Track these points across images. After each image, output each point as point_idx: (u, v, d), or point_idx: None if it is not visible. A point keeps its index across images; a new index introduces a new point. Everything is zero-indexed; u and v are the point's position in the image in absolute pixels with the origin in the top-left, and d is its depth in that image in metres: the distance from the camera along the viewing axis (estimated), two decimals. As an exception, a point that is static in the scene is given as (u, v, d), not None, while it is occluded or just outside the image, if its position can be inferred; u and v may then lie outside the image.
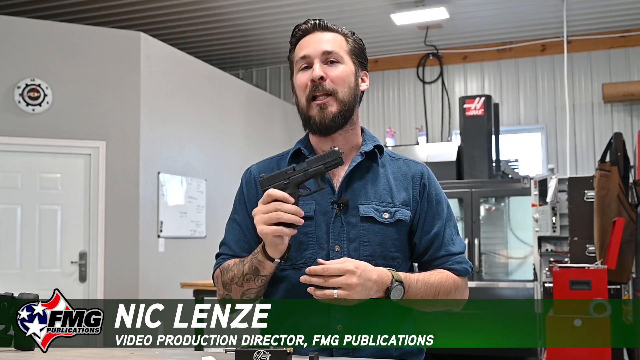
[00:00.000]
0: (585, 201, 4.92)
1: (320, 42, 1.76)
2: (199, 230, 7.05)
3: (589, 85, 8.35)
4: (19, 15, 6.99)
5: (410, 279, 1.67)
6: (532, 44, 8.63)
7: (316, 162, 1.60)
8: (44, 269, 5.92)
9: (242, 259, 1.76)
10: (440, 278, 1.73)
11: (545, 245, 5.52)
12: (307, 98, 1.74)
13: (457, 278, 1.78)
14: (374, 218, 1.74)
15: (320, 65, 1.74)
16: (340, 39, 1.79)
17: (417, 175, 1.81)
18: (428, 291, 1.70)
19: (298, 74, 1.78)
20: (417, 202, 1.79)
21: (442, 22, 8.04)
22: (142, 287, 6.07)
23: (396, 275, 1.63)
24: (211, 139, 7.38)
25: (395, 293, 1.62)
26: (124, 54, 6.23)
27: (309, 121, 1.76)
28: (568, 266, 4.45)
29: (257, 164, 1.91)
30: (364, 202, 1.75)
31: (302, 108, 1.77)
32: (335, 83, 1.74)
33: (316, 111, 1.74)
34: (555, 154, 8.41)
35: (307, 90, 1.74)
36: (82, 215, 6.04)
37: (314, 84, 1.73)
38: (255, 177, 1.86)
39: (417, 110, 9.12)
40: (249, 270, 1.70)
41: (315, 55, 1.75)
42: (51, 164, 6.00)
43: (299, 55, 1.77)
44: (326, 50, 1.75)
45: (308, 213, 1.74)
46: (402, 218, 1.76)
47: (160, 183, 6.40)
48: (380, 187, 1.78)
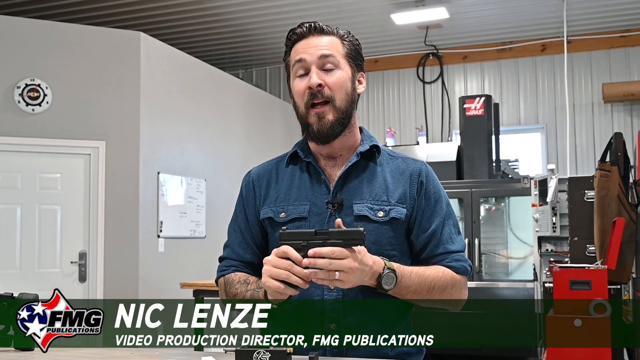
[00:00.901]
0: (586, 201, 4.92)
1: (317, 46, 1.76)
2: (199, 230, 7.05)
3: (589, 85, 8.35)
4: (19, 15, 6.99)
5: (404, 269, 1.67)
6: (532, 44, 8.63)
7: (338, 235, 1.58)
8: (43, 269, 5.92)
9: (246, 278, 1.78)
10: (437, 273, 1.73)
11: (545, 245, 5.51)
12: (305, 105, 1.75)
13: (455, 275, 1.76)
14: (368, 217, 1.74)
15: (317, 71, 1.74)
16: (336, 42, 1.78)
17: (415, 172, 1.81)
18: (422, 284, 1.69)
19: (295, 80, 1.79)
20: (414, 200, 1.78)
21: (442, 22, 8.04)
22: (142, 287, 6.08)
23: (389, 263, 1.63)
24: (211, 139, 7.38)
25: (387, 281, 1.61)
26: (124, 54, 6.23)
27: (307, 128, 1.77)
28: (568, 266, 4.44)
29: (256, 168, 1.92)
30: (359, 201, 1.76)
31: (301, 115, 1.78)
32: (332, 90, 1.74)
33: (314, 119, 1.74)
34: (556, 153, 8.42)
35: (305, 97, 1.75)
36: (82, 215, 6.04)
37: (312, 92, 1.73)
38: (255, 181, 1.88)
39: (417, 110, 9.12)
40: (250, 298, 1.71)
41: (312, 61, 1.75)
42: (51, 164, 6.00)
43: (295, 59, 1.78)
44: (323, 54, 1.75)
45: (302, 214, 1.76)
46: (397, 216, 1.75)
47: (160, 183, 6.40)
48: (376, 185, 1.78)
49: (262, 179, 1.87)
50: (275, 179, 1.85)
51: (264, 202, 1.84)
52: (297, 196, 1.79)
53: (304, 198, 1.78)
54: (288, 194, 1.81)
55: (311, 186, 1.80)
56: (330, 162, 1.82)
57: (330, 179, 1.80)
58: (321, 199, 1.77)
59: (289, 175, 1.84)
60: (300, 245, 1.59)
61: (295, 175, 1.83)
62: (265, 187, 1.86)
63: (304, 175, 1.82)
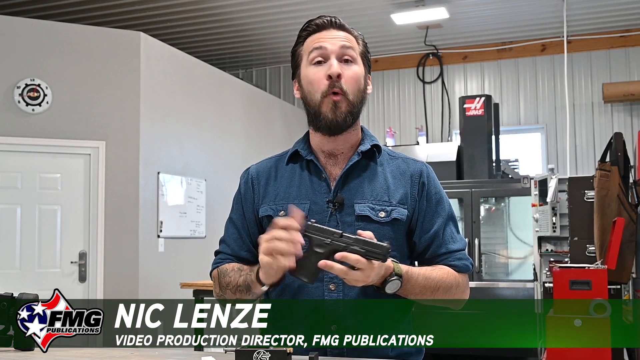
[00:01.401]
0: (586, 201, 4.92)
1: (338, 37, 1.75)
2: (199, 230, 7.05)
3: (589, 85, 8.36)
4: (19, 15, 7.00)
5: (412, 272, 1.66)
6: (532, 44, 8.63)
7: (363, 244, 1.55)
8: (43, 269, 5.92)
9: (240, 266, 1.77)
10: (442, 274, 1.73)
11: (545, 245, 5.52)
12: (323, 94, 1.71)
13: (458, 275, 1.77)
14: (369, 217, 1.73)
15: (337, 62, 1.72)
16: (353, 39, 1.78)
17: (416, 173, 1.80)
18: (428, 286, 1.69)
19: (310, 67, 1.75)
20: (415, 201, 1.78)
21: (442, 22, 8.05)
22: (142, 287, 6.08)
23: (397, 268, 1.62)
24: (211, 139, 7.38)
25: (391, 286, 1.61)
26: (124, 54, 6.23)
27: (319, 117, 1.73)
28: (568, 266, 4.45)
29: (256, 165, 1.91)
30: (360, 200, 1.75)
31: (314, 103, 1.74)
32: (347, 83, 1.72)
33: (329, 108, 1.71)
34: (556, 153, 8.42)
35: (323, 86, 1.71)
36: (81, 215, 6.04)
37: (332, 81, 1.71)
38: (254, 178, 1.86)
39: (417, 110, 9.13)
40: (242, 284, 1.70)
41: (332, 50, 1.73)
42: (51, 164, 6.00)
43: (314, 46, 1.74)
44: (344, 45, 1.74)
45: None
46: (398, 217, 1.75)
47: (160, 183, 6.40)
48: (377, 185, 1.77)
49: (261, 176, 1.85)
50: (275, 177, 1.84)
51: (263, 199, 1.82)
52: (297, 194, 1.78)
53: (304, 197, 1.77)
54: (288, 192, 1.79)
55: (311, 184, 1.78)
56: (331, 160, 1.80)
57: (331, 178, 1.78)
58: (322, 198, 1.76)
59: (289, 173, 1.82)
60: (323, 242, 1.57)
61: (296, 173, 1.82)
62: (265, 185, 1.84)
63: (304, 174, 1.80)
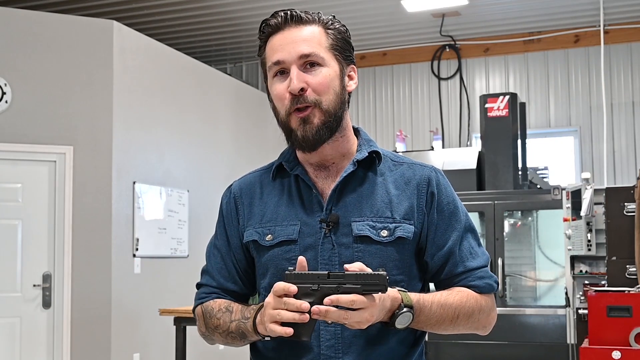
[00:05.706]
0: (625, 215, 4.94)
1: (295, 42, 1.70)
2: (181, 249, 7.07)
3: (628, 82, 8.39)
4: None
5: (424, 301, 1.65)
6: (563, 34, 8.67)
7: (356, 279, 1.53)
8: (2, 294, 5.93)
9: (228, 305, 1.77)
10: (460, 298, 1.71)
11: (579, 265, 5.53)
12: (287, 111, 1.71)
13: (480, 297, 1.75)
14: (369, 237, 1.70)
15: (298, 72, 1.68)
16: (318, 33, 1.72)
17: (423, 181, 1.76)
18: (445, 315, 1.68)
19: (274, 82, 1.73)
20: (423, 214, 1.75)
21: (460, 9, 8.09)
22: (115, 314, 6.09)
23: (406, 298, 1.60)
24: (195, 144, 7.41)
25: (402, 320, 1.59)
26: (95, 45, 6.26)
27: (290, 135, 1.74)
28: (605, 290, 4.46)
29: (239, 181, 1.90)
30: (358, 218, 1.71)
31: (283, 120, 1.74)
32: (317, 92, 1.68)
33: (298, 124, 1.70)
34: (591, 160, 8.45)
35: (287, 102, 1.69)
36: (46, 231, 6.06)
37: (294, 97, 1.68)
38: (237, 197, 1.85)
39: (432, 111, 9.16)
40: (235, 330, 1.71)
41: (290, 61, 1.69)
42: (10, 173, 6.02)
43: (272, 60, 1.72)
44: (303, 53, 1.69)
45: (291, 236, 1.73)
46: (403, 235, 1.71)
47: (136, 194, 6.43)
48: (377, 199, 1.74)
49: (244, 195, 1.84)
50: (260, 194, 1.82)
51: (248, 221, 1.81)
52: (286, 215, 1.76)
53: (294, 217, 1.74)
54: (275, 212, 1.77)
55: (301, 202, 1.76)
56: (322, 172, 1.78)
57: (323, 194, 1.75)
58: (313, 218, 1.73)
59: (277, 190, 1.80)
60: (309, 289, 1.54)
61: (284, 190, 1.79)
62: (249, 205, 1.82)
63: (293, 190, 1.78)
